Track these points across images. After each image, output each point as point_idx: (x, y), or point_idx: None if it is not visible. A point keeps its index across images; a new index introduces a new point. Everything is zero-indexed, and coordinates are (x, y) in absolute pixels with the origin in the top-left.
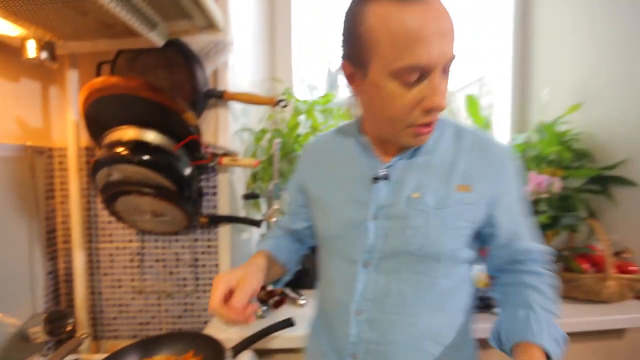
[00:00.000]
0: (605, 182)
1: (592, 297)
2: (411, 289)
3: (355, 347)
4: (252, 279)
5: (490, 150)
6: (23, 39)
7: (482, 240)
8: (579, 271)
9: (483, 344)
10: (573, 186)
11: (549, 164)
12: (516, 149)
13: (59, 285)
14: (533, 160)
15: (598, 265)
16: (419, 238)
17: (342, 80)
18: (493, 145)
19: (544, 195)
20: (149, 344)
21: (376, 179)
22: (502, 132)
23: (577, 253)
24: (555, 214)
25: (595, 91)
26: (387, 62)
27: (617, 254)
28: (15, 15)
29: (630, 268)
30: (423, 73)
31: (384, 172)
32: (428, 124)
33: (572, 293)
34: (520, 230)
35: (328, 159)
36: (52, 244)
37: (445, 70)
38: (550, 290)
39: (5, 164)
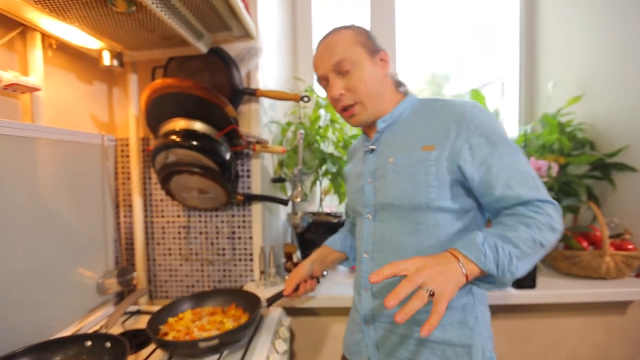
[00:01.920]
0: (606, 168)
1: (592, 274)
2: (398, 233)
3: (366, 282)
4: (296, 273)
5: (448, 111)
6: (100, 51)
7: (476, 195)
8: (578, 248)
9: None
10: (576, 173)
11: (552, 152)
12: (521, 139)
13: (121, 252)
14: (539, 149)
15: (597, 244)
16: (395, 192)
17: None
18: (452, 106)
19: (545, 179)
20: (200, 297)
21: (365, 152)
22: (512, 124)
23: (577, 232)
24: (556, 197)
25: (596, 84)
26: None
27: (617, 235)
28: (100, 32)
29: (628, 247)
30: (325, 79)
31: (371, 147)
32: (343, 109)
33: (572, 270)
34: (499, 179)
35: (354, 150)
36: (116, 217)
37: (340, 72)
38: (516, 224)
39: (86, 149)
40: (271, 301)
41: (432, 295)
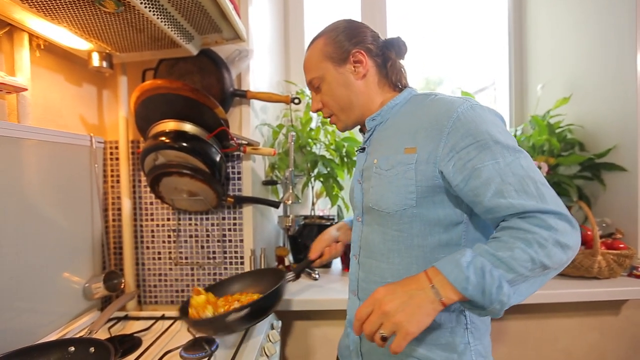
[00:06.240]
0: (596, 168)
1: (584, 273)
2: (379, 239)
3: (354, 285)
4: (320, 238)
5: (435, 108)
6: (89, 52)
7: (470, 205)
8: None
9: None
10: (566, 173)
11: (543, 153)
12: None
13: (109, 256)
14: (529, 150)
15: (588, 244)
16: (374, 196)
17: None
18: (440, 102)
19: None
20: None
21: (357, 151)
22: None
23: None
24: None
25: (584, 85)
26: None
27: (609, 235)
28: (88, 33)
29: (620, 246)
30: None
31: (363, 146)
32: (327, 117)
33: (565, 269)
34: (489, 186)
35: None
36: (105, 221)
37: (314, 89)
38: (513, 240)
39: (74, 151)
40: (299, 270)
41: (384, 340)
